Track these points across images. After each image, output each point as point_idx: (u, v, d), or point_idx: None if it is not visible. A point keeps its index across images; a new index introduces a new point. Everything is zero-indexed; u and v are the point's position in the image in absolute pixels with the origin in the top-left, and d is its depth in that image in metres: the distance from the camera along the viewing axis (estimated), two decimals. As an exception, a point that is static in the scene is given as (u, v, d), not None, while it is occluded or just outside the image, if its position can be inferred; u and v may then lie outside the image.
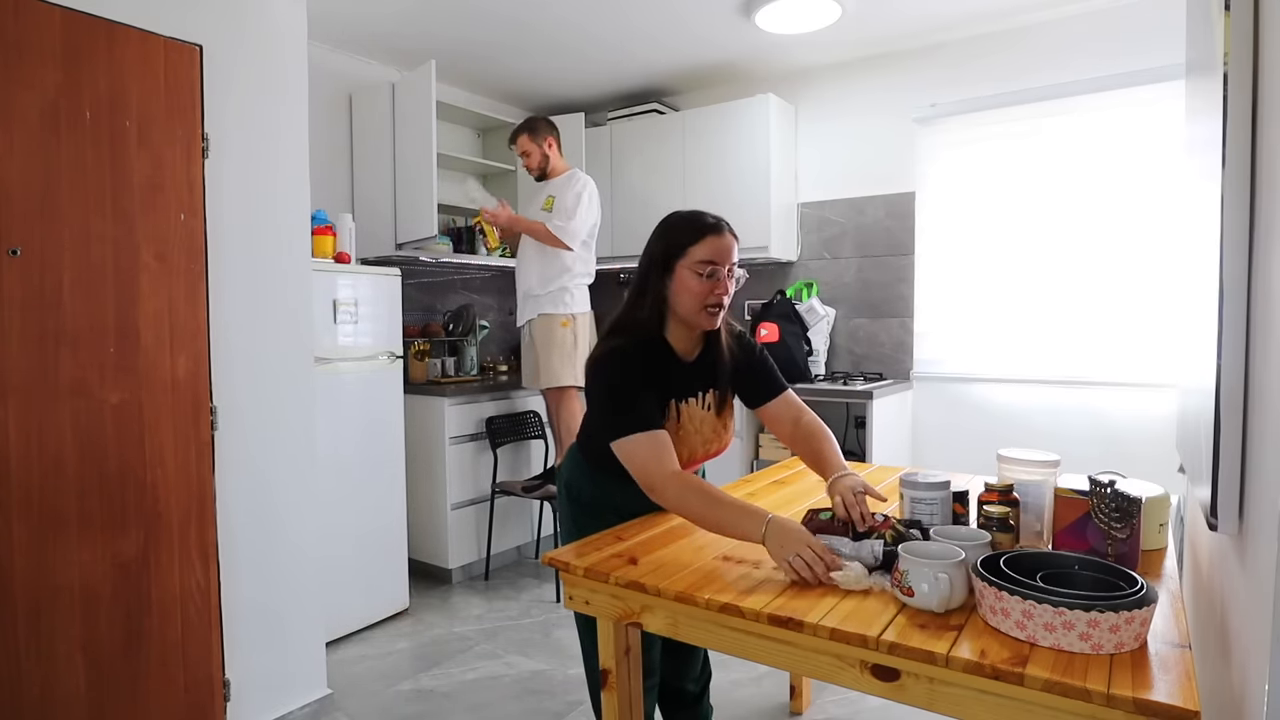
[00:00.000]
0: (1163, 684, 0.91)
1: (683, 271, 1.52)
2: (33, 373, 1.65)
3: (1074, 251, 3.15)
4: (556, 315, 3.22)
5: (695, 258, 1.51)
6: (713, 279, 1.51)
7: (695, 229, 1.54)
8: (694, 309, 1.53)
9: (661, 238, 1.58)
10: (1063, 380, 3.18)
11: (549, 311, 3.23)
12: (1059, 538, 1.33)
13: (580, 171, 3.34)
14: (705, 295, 1.51)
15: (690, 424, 1.62)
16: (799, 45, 3.53)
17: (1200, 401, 1.01)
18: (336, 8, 3.07)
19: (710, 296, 1.52)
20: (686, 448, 1.61)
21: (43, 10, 1.64)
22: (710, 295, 1.52)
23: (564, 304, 3.22)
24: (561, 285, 3.23)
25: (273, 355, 2.15)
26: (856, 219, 3.71)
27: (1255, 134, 0.80)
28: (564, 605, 1.93)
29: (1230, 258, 0.83)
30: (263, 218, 2.12)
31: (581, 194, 3.20)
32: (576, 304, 3.25)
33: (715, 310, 1.54)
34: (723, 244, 1.53)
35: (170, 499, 1.90)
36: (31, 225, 1.64)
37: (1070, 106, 3.13)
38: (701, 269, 1.50)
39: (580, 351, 3.20)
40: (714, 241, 1.52)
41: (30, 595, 1.66)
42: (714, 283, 1.51)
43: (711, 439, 1.68)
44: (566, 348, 3.21)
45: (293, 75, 2.19)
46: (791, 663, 1.18)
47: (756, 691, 2.42)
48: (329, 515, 2.71)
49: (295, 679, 2.24)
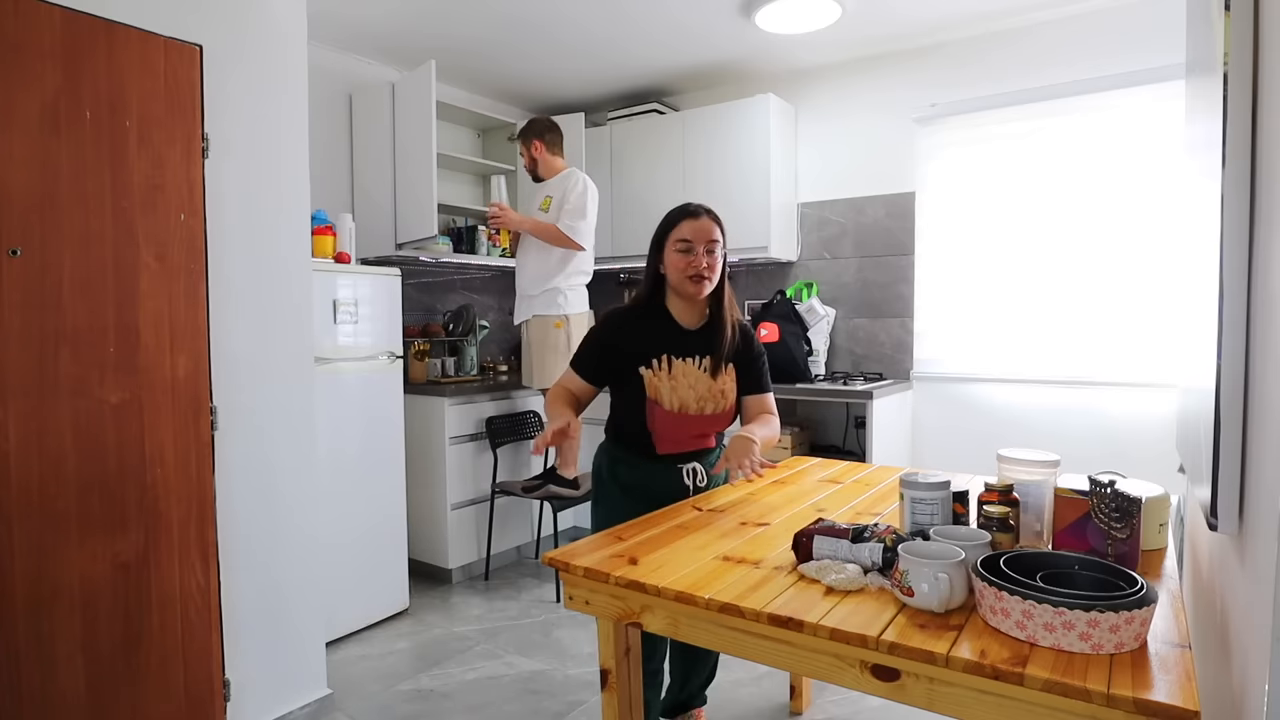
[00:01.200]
0: (1163, 684, 0.91)
1: (669, 249, 1.84)
2: (33, 373, 1.65)
3: (1074, 251, 3.15)
4: (550, 317, 3.26)
5: (675, 237, 1.83)
6: (690, 254, 1.80)
7: (677, 214, 1.86)
8: (678, 279, 1.83)
9: (658, 226, 1.90)
10: (1063, 380, 3.18)
11: (542, 313, 3.28)
12: (1059, 538, 1.33)
13: (577, 171, 3.35)
14: (685, 267, 1.81)
15: (682, 377, 1.86)
16: (799, 45, 3.53)
17: (1200, 401, 1.01)
18: (336, 8, 3.07)
19: (689, 268, 1.81)
20: (678, 396, 1.86)
21: (43, 10, 1.64)
22: (689, 267, 1.81)
23: (557, 305, 3.27)
24: (555, 286, 3.26)
25: (273, 355, 2.15)
26: (856, 219, 3.71)
27: (1255, 134, 0.80)
28: (564, 605, 1.93)
29: (1230, 258, 0.83)
30: (263, 218, 2.12)
31: (584, 192, 3.22)
32: (570, 305, 3.28)
33: (697, 279, 1.81)
34: (698, 225, 1.82)
35: (170, 499, 1.90)
36: (31, 225, 1.64)
37: (1070, 106, 3.13)
38: (681, 246, 1.81)
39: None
40: (690, 223, 1.83)
41: (30, 595, 1.66)
42: (691, 257, 1.80)
43: (706, 398, 1.88)
44: (560, 349, 3.25)
45: (293, 75, 2.19)
46: (791, 663, 1.18)
47: (756, 691, 2.42)
48: (329, 515, 2.72)
49: (295, 679, 2.24)
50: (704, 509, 1.77)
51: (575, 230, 3.18)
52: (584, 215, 3.19)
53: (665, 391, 1.84)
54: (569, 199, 3.21)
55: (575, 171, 3.32)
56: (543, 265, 3.29)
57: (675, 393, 1.84)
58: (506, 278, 4.17)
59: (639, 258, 4.25)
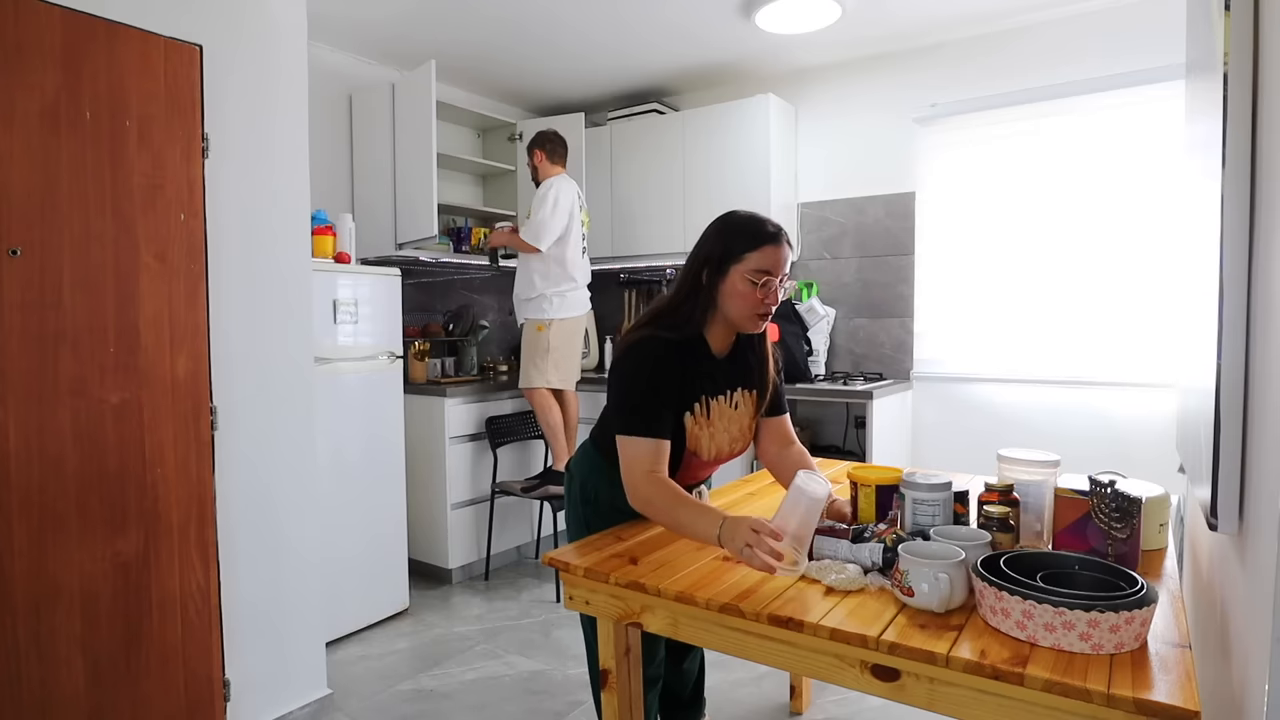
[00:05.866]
0: (1163, 684, 0.91)
1: (735, 276, 1.51)
2: (33, 373, 1.65)
3: (1074, 251, 3.15)
4: (534, 320, 3.37)
5: (751, 265, 1.50)
6: (765, 289, 1.50)
7: (754, 236, 1.51)
8: (743, 314, 1.53)
9: (719, 237, 1.55)
10: (1063, 380, 3.17)
11: (530, 317, 3.39)
12: (1059, 538, 1.33)
13: (558, 178, 3.39)
14: (756, 304, 1.51)
15: (720, 420, 1.62)
16: (799, 45, 3.53)
17: (1200, 401, 1.01)
18: (336, 8, 3.07)
19: (761, 306, 1.52)
20: (715, 444, 1.62)
21: (43, 10, 1.64)
22: (761, 305, 1.52)
23: (542, 310, 3.36)
24: (540, 292, 3.36)
25: (273, 355, 2.15)
26: (856, 219, 3.71)
27: (1255, 134, 0.80)
28: (564, 605, 1.93)
29: (1230, 257, 0.83)
30: (263, 218, 2.12)
31: (546, 196, 3.31)
32: (554, 310, 3.36)
33: (764, 318, 1.55)
34: (780, 255, 1.51)
35: (170, 499, 1.90)
36: (31, 225, 1.64)
37: (1070, 106, 3.13)
38: (756, 277, 1.49)
39: (554, 356, 3.32)
40: (771, 252, 1.50)
41: (30, 595, 1.66)
42: (766, 292, 1.51)
43: (739, 438, 1.67)
44: (540, 351, 3.34)
45: (293, 75, 2.19)
46: (791, 663, 1.18)
47: (756, 691, 2.42)
48: (329, 515, 2.72)
49: (295, 679, 2.24)
50: (704, 509, 1.77)
51: (527, 232, 3.30)
52: (538, 220, 3.28)
53: (705, 441, 1.60)
54: (533, 206, 3.34)
55: (553, 180, 3.38)
56: (526, 273, 3.41)
57: (714, 440, 1.62)
58: (506, 278, 4.17)
59: (639, 258, 4.30)
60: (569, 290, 3.40)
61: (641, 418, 1.48)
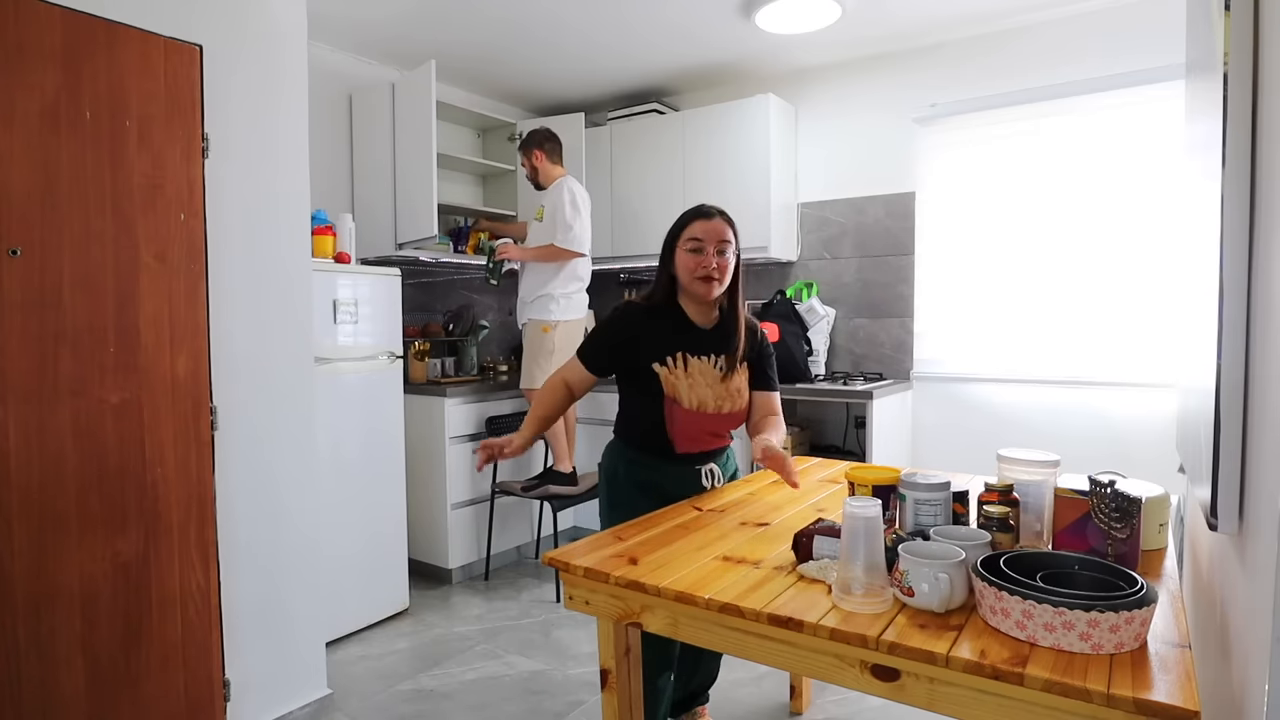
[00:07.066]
0: (1163, 684, 0.91)
1: (680, 249, 1.84)
2: (33, 373, 1.65)
3: (1074, 251, 3.15)
4: (539, 321, 3.37)
5: (687, 236, 1.82)
6: (700, 254, 1.79)
7: (689, 214, 1.86)
8: (688, 279, 1.83)
9: (671, 226, 1.89)
10: (1063, 380, 3.17)
11: (536, 318, 3.39)
12: (1059, 538, 1.33)
13: (564, 180, 3.40)
14: (695, 267, 1.80)
15: (699, 375, 1.86)
16: (799, 45, 3.53)
17: (1200, 401, 1.01)
18: (336, 8, 3.07)
19: (699, 268, 1.80)
20: (696, 395, 1.85)
21: (43, 10, 1.64)
22: (698, 267, 1.80)
23: (548, 311, 3.36)
24: (548, 293, 3.36)
25: (273, 355, 2.15)
26: (856, 219, 3.71)
27: (1255, 134, 0.80)
28: (564, 605, 1.93)
29: (1230, 258, 0.83)
30: (263, 218, 2.12)
31: (563, 200, 3.31)
32: (560, 312, 3.37)
33: (706, 280, 1.80)
34: (709, 225, 1.81)
35: (170, 499, 1.90)
36: (31, 225, 1.64)
37: (1070, 106, 3.13)
38: (691, 245, 1.81)
39: (558, 357, 3.31)
40: (701, 223, 1.82)
41: (30, 595, 1.66)
42: (701, 257, 1.79)
43: (724, 396, 1.88)
44: (544, 352, 3.34)
45: (293, 75, 2.19)
46: (791, 663, 1.18)
47: (756, 691, 2.42)
48: (329, 515, 2.72)
49: (295, 679, 2.24)
50: (704, 509, 1.77)
51: (569, 241, 3.31)
52: (572, 226, 3.30)
53: (683, 389, 1.82)
54: (558, 212, 3.32)
55: (562, 181, 3.39)
56: (540, 273, 3.40)
57: (693, 390, 1.83)
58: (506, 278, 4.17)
59: (638, 258, 4.30)
60: (575, 292, 3.42)
61: (583, 349, 1.90)
